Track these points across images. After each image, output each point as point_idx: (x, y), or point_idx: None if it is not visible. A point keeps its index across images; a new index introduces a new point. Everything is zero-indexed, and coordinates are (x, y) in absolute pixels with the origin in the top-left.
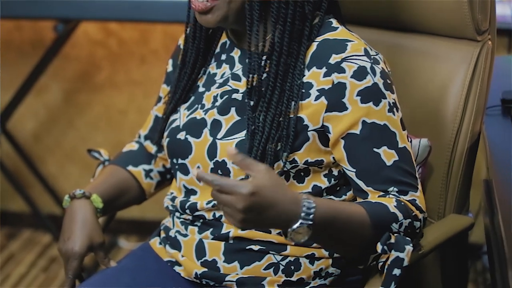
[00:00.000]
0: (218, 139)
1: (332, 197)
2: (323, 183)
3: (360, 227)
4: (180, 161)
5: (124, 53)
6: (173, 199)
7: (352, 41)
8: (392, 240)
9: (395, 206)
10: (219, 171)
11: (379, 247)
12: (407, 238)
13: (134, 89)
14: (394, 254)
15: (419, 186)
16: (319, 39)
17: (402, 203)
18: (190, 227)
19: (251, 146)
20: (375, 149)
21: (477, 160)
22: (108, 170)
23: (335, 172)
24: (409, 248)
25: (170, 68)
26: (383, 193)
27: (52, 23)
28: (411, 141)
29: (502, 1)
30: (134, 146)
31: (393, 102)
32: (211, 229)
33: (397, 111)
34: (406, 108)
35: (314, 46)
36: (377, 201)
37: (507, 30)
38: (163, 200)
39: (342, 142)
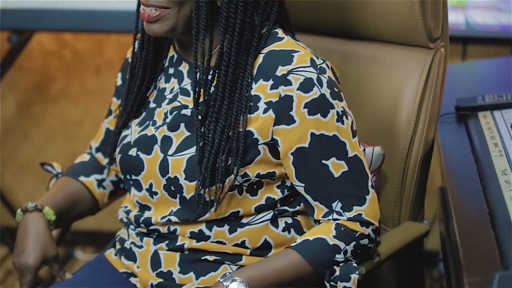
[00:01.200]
0: (169, 155)
1: (286, 208)
2: (277, 194)
3: (302, 277)
4: (133, 177)
5: (79, 64)
6: (127, 212)
7: (298, 51)
8: (337, 273)
9: (334, 236)
10: (172, 187)
11: (327, 285)
12: (354, 264)
13: (89, 100)
14: (340, 285)
15: (370, 196)
16: (265, 50)
17: (342, 228)
18: (145, 239)
19: (201, 159)
20: (323, 161)
21: (432, 168)
22: (60, 182)
23: (288, 183)
24: (354, 276)
25: (119, 82)
26: (327, 210)
27: (6, 34)
28: (364, 150)
29: (455, 8)
30: (85, 157)
31: (341, 111)
32: (166, 241)
33: (347, 118)
34: (359, 117)
35: (260, 58)
36: (316, 237)
37: (461, 37)
38: (118, 211)
39: (291, 158)
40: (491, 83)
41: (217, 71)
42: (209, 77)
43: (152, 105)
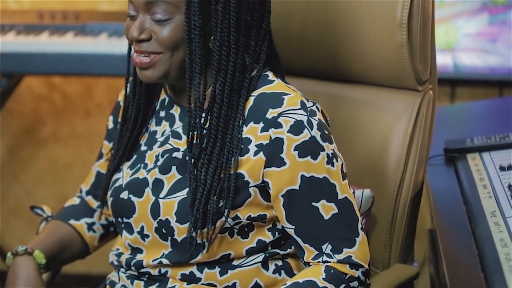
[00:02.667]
0: (161, 198)
1: (277, 250)
2: (268, 237)
3: None
4: (124, 220)
5: (69, 107)
6: (119, 255)
7: (289, 94)
8: None
9: (323, 278)
10: (163, 230)
11: None
12: None
13: (78, 143)
14: None
15: (360, 238)
16: (255, 93)
17: (332, 271)
18: (136, 281)
19: (193, 200)
20: (313, 203)
21: (421, 210)
22: (50, 226)
23: (279, 226)
24: None
25: (111, 125)
26: (317, 253)
27: None
28: (354, 192)
29: (443, 50)
30: (75, 201)
31: (331, 153)
32: (157, 284)
33: (337, 160)
34: (348, 159)
35: (251, 100)
36: (305, 280)
37: (449, 79)
38: (108, 254)
39: (282, 200)
40: (479, 125)
41: (209, 113)
42: (202, 120)
43: (143, 148)
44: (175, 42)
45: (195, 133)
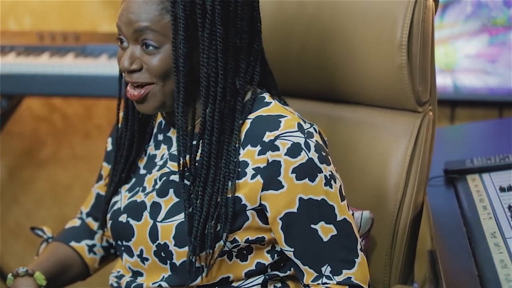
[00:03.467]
0: (159, 221)
1: (277, 273)
2: (267, 259)
3: None
4: (124, 243)
5: (69, 129)
6: (119, 277)
7: (285, 116)
8: None
9: None
10: (162, 254)
11: None
12: None
13: (78, 165)
14: None
15: (359, 259)
16: (252, 115)
17: None
18: None
19: (190, 229)
20: (312, 226)
21: (422, 231)
22: (51, 247)
23: (278, 248)
24: None
25: (109, 147)
26: (317, 275)
27: None
28: (353, 214)
29: (442, 72)
30: (76, 223)
31: (329, 175)
32: None
33: (335, 182)
34: (347, 181)
35: (247, 123)
36: None
37: (449, 100)
38: (109, 275)
39: (280, 223)
40: (479, 146)
41: (201, 140)
42: (194, 143)
43: (142, 171)
44: (165, 72)
45: (187, 157)
